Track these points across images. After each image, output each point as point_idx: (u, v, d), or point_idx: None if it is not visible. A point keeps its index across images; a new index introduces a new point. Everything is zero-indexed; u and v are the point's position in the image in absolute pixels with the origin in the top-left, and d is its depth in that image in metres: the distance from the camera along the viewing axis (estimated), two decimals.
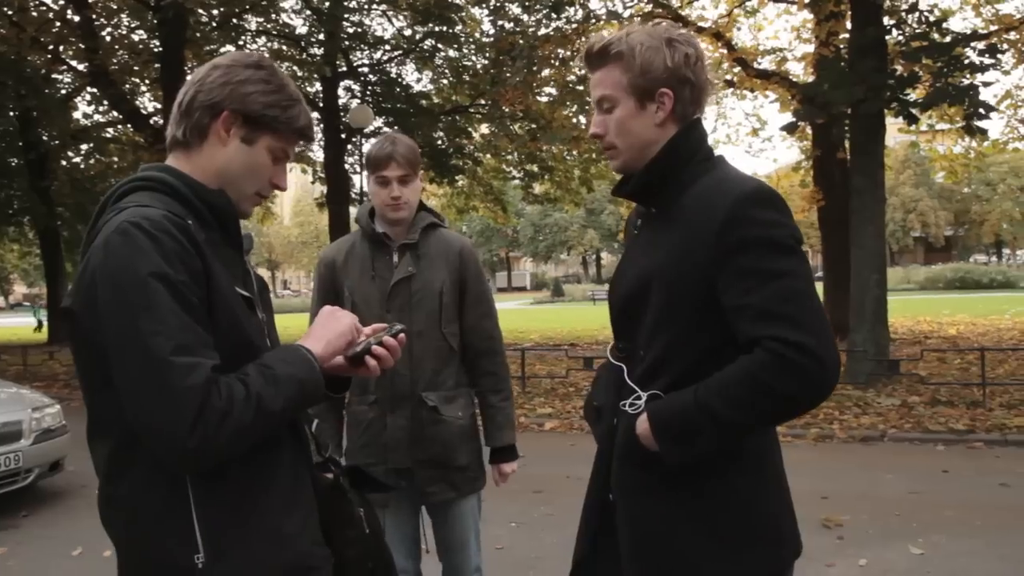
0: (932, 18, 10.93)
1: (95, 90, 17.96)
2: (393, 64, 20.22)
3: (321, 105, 19.24)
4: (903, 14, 11.14)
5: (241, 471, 1.48)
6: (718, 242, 1.57)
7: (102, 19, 16.79)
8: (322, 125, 19.31)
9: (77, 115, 21.50)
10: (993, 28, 12.50)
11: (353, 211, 19.24)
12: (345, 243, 2.90)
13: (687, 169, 1.71)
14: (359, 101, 19.53)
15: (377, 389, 2.71)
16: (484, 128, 20.76)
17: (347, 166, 19.76)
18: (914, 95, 10.56)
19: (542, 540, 4.99)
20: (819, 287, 17.60)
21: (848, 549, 4.71)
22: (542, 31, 14.20)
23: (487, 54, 17.56)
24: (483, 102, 18.82)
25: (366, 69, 20.23)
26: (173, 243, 1.39)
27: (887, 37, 10.64)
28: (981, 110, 10.20)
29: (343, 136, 19.12)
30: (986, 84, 10.57)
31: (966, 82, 10.28)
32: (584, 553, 1.85)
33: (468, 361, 2.85)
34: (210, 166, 1.58)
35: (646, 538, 1.69)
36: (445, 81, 20.38)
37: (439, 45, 18.65)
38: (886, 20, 10.85)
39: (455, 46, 18.69)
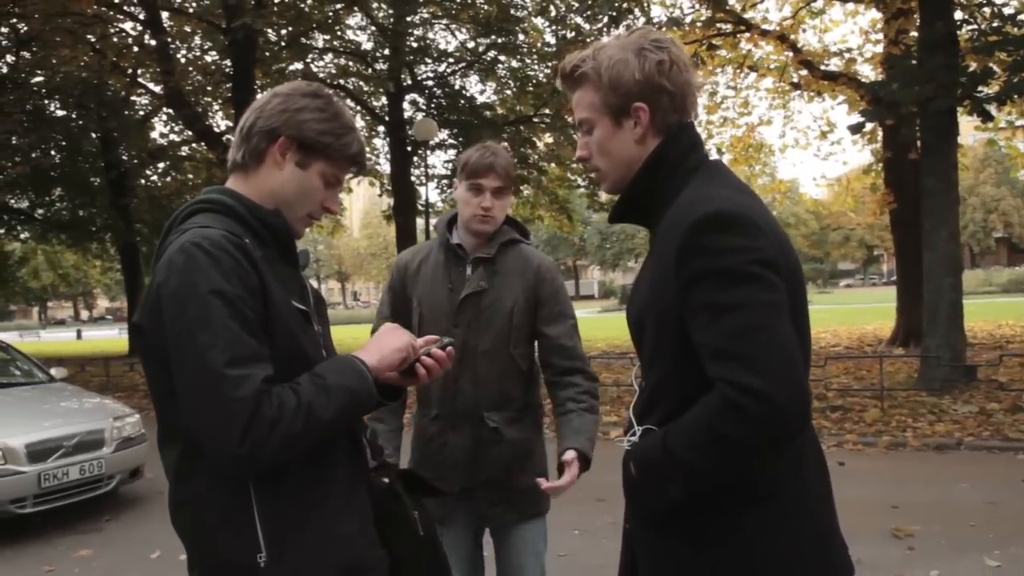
0: (1008, 11, 10.59)
1: (171, 111, 18.63)
2: (457, 76, 20.47)
3: (387, 119, 19.58)
4: (975, 8, 10.82)
5: (300, 475, 1.56)
6: (677, 275, 1.46)
7: (176, 42, 17.44)
8: (388, 139, 19.64)
9: (154, 135, 22.38)
10: None
11: (420, 223, 19.53)
12: (421, 250, 2.78)
13: (669, 183, 1.59)
14: (424, 114, 19.81)
15: (439, 405, 2.62)
16: (548, 137, 20.82)
17: (413, 178, 20.04)
18: (989, 92, 10.21)
19: (605, 548, 4.99)
20: (891, 292, 17.06)
21: (918, 560, 4.58)
22: (604, 39, 14.20)
23: (549, 64, 17.64)
24: (546, 111, 18.90)
25: (430, 82, 20.52)
26: (231, 260, 1.48)
27: (958, 32, 10.34)
28: None
29: (408, 149, 19.41)
30: None
31: None
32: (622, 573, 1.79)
33: (553, 380, 2.69)
34: (266, 188, 1.66)
35: (656, 568, 1.61)
36: (508, 92, 20.54)
37: (501, 56, 18.82)
38: (957, 15, 10.54)
39: (517, 57, 18.83)
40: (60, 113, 20.59)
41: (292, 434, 1.44)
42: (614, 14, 12.88)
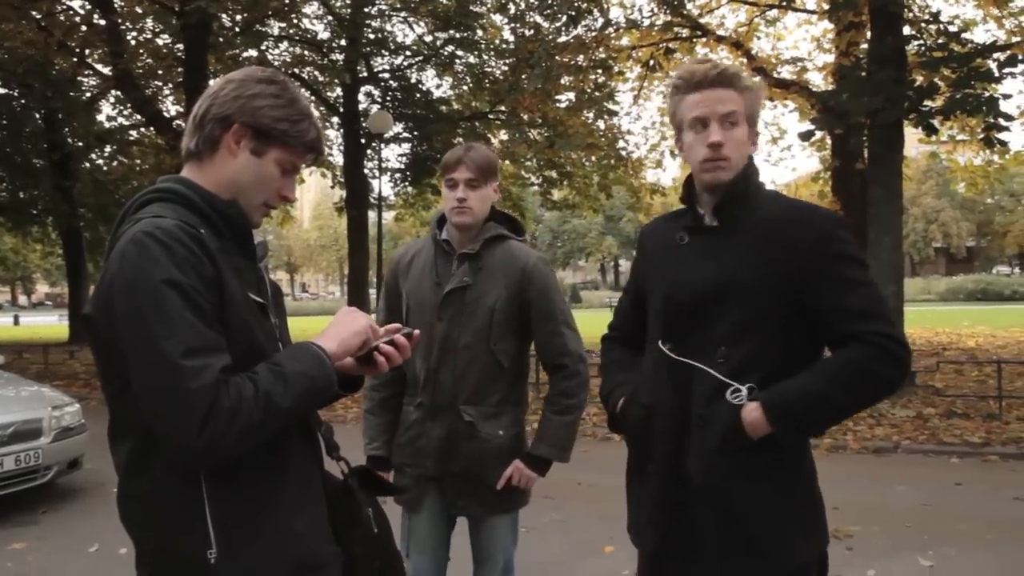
0: (953, 28, 10.87)
1: (119, 93, 18.18)
2: (413, 70, 20.36)
3: (341, 110, 19.38)
4: (923, 24, 11.09)
5: (253, 470, 1.54)
6: (817, 255, 1.87)
7: (127, 23, 16.99)
8: (342, 130, 19.46)
9: (101, 117, 21.81)
10: (1016, 40, 12.39)
11: (372, 215, 19.40)
12: (415, 245, 2.87)
13: (754, 186, 2.02)
14: (379, 107, 19.65)
15: (422, 393, 2.70)
16: (503, 135, 20.82)
17: (366, 171, 19.88)
18: (934, 106, 10.48)
19: (551, 546, 5.02)
20: None
21: (857, 560, 4.71)
22: (562, 38, 14.25)
23: (507, 61, 17.62)
24: (502, 108, 18.89)
25: (386, 75, 20.38)
26: (185, 251, 1.45)
27: (907, 47, 10.59)
28: (1001, 121, 10.13)
29: (363, 141, 19.25)
30: (1006, 96, 10.50)
31: (987, 94, 10.21)
32: (656, 544, 2.01)
33: (549, 378, 2.79)
34: (221, 176, 1.63)
35: (741, 515, 1.88)
36: (465, 87, 20.48)
37: (459, 52, 18.75)
38: (906, 30, 10.79)
39: (475, 52, 18.78)
40: (2, 91, 19.94)
41: (251, 424, 1.42)
42: (573, 14, 12.93)
